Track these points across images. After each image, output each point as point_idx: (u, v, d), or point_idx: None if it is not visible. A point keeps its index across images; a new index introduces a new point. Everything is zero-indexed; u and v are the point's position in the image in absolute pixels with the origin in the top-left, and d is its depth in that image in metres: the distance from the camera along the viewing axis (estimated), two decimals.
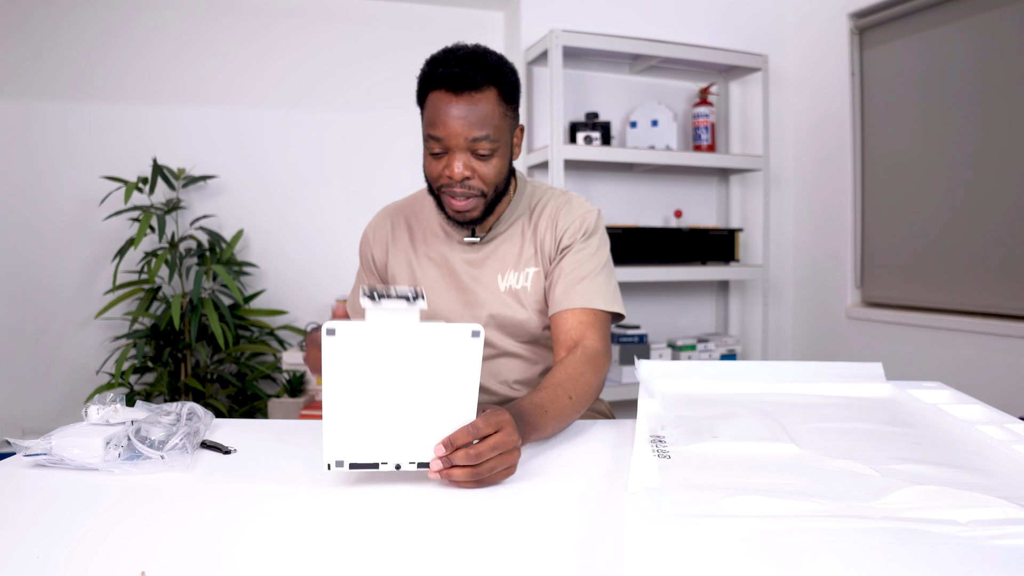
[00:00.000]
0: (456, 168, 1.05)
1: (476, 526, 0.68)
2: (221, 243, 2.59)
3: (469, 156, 1.06)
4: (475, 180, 1.07)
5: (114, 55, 2.61)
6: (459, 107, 1.02)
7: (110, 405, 0.92)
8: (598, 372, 1.07)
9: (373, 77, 2.81)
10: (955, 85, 2.38)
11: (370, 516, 0.71)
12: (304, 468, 0.85)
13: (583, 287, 1.13)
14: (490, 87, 1.04)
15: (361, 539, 0.65)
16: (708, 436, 0.83)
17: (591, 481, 0.81)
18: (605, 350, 1.11)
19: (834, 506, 0.61)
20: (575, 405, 1.00)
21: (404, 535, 0.65)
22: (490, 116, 1.04)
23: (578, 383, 1.02)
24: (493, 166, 1.07)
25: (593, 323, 1.12)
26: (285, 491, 0.78)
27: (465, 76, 1.02)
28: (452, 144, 1.04)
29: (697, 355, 2.78)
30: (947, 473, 0.71)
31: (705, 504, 0.62)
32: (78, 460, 0.84)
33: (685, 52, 2.66)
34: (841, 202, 2.85)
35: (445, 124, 1.03)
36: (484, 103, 1.03)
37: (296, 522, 0.69)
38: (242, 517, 0.71)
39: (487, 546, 0.63)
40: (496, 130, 1.05)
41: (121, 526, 0.68)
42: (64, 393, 2.62)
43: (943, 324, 2.40)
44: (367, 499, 0.75)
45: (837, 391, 1.09)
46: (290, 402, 2.38)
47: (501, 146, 1.07)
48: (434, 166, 1.08)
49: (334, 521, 0.69)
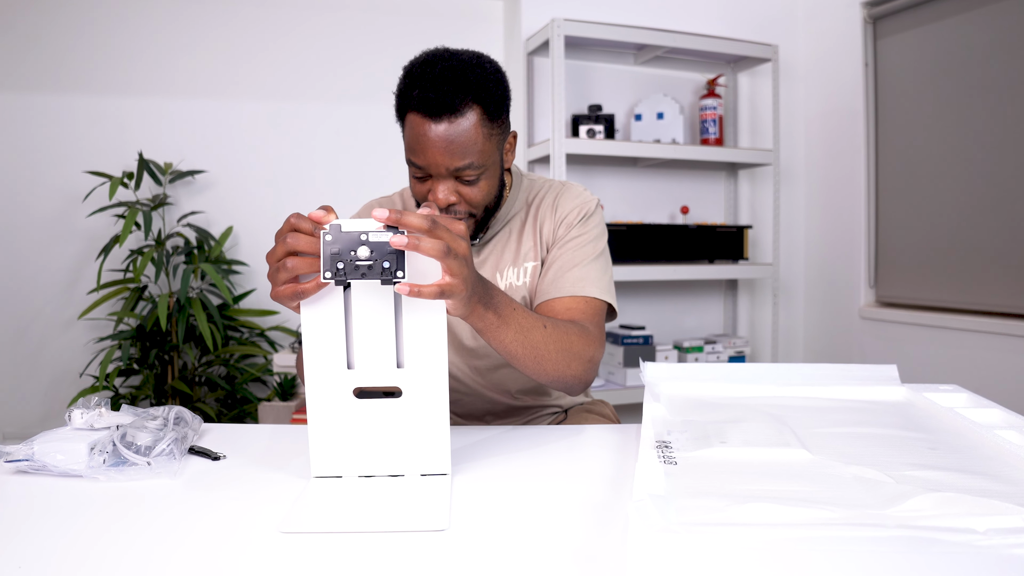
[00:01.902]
0: (440, 195, 1.01)
1: (474, 535, 0.68)
2: (209, 240, 2.59)
3: (454, 182, 1.02)
4: (461, 205, 1.04)
5: (98, 45, 2.61)
6: (438, 134, 0.97)
7: (94, 409, 0.92)
8: (585, 342, 1.01)
9: (368, 68, 2.81)
10: (973, 76, 2.38)
11: None
12: (296, 475, 0.85)
13: (575, 274, 1.10)
14: (472, 107, 0.98)
15: (355, 548, 0.65)
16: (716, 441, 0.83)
17: (594, 488, 0.81)
18: (598, 335, 1.06)
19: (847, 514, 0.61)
20: (548, 339, 0.94)
21: (399, 544, 0.65)
22: (473, 141, 0.98)
23: (559, 327, 0.97)
24: (480, 189, 1.03)
25: (585, 310, 1.08)
26: (276, 499, 0.78)
27: (442, 101, 0.96)
28: (433, 172, 1.00)
29: (704, 357, 2.78)
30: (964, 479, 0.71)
31: (713, 512, 0.62)
32: (61, 466, 0.84)
33: (692, 42, 2.66)
34: (854, 198, 2.85)
35: (424, 152, 0.98)
36: (466, 128, 0.97)
37: (287, 530, 0.69)
38: (231, 526, 0.71)
39: (486, 555, 0.63)
40: (481, 154, 1.00)
41: (106, 535, 0.68)
42: (46, 397, 2.62)
43: (960, 325, 2.40)
44: None
45: (850, 394, 1.09)
46: (281, 406, 2.38)
47: (488, 167, 1.03)
48: (419, 188, 1.05)
49: (325, 529, 0.69)
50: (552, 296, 1.09)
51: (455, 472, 0.86)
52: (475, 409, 1.23)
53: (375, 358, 0.79)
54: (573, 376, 1.00)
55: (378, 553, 0.64)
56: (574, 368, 1.00)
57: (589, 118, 2.66)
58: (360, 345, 0.79)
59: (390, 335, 0.78)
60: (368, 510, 0.73)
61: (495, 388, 1.21)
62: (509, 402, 1.22)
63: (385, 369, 0.79)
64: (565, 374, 0.99)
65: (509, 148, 1.12)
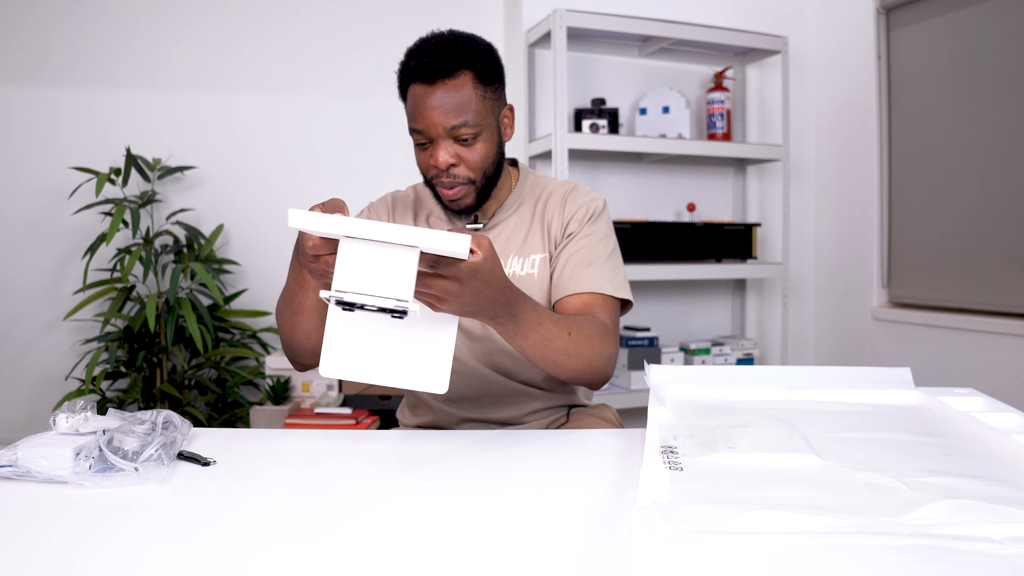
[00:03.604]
0: (440, 157, 1.11)
1: (474, 543, 0.68)
2: (200, 239, 2.59)
3: (452, 143, 1.12)
4: (461, 168, 1.13)
5: (84, 35, 2.61)
6: (435, 96, 1.09)
7: (80, 413, 0.92)
8: (604, 342, 1.09)
9: (364, 60, 2.81)
10: (990, 68, 2.37)
11: (360, 532, 0.71)
12: (289, 481, 0.85)
13: (591, 272, 1.18)
14: (465, 71, 1.10)
15: (350, 556, 0.65)
16: (723, 446, 0.83)
17: (597, 495, 0.81)
18: (614, 329, 1.14)
19: (859, 522, 0.61)
20: (570, 348, 1.03)
21: (397, 552, 0.65)
22: (467, 101, 1.10)
23: (583, 331, 1.05)
24: (478, 151, 1.13)
25: (602, 304, 1.16)
26: (268, 506, 0.78)
27: (436, 64, 1.08)
28: (433, 134, 1.11)
29: (711, 359, 2.78)
30: (981, 486, 0.71)
31: (720, 520, 0.62)
32: (46, 472, 0.84)
33: (699, 33, 2.66)
34: (866, 195, 2.84)
35: (423, 115, 1.10)
36: (460, 89, 1.10)
37: (279, 539, 0.69)
38: (222, 534, 0.71)
39: (486, 564, 0.63)
40: (476, 114, 1.11)
41: (92, 543, 0.68)
42: (30, 400, 2.62)
43: (976, 326, 2.40)
44: (356, 514, 0.75)
45: (862, 398, 1.09)
46: (274, 410, 2.38)
47: (484, 129, 1.13)
48: (422, 158, 1.15)
49: (320, 538, 0.69)
50: (572, 292, 1.17)
51: (454, 477, 0.86)
52: (470, 391, 1.24)
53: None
54: (593, 374, 1.09)
55: (370, 569, 0.64)
56: (595, 366, 1.08)
57: (592, 112, 2.66)
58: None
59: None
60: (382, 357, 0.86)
61: (499, 374, 1.23)
62: (514, 388, 1.24)
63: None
64: (585, 373, 1.07)
65: (508, 123, 1.21)
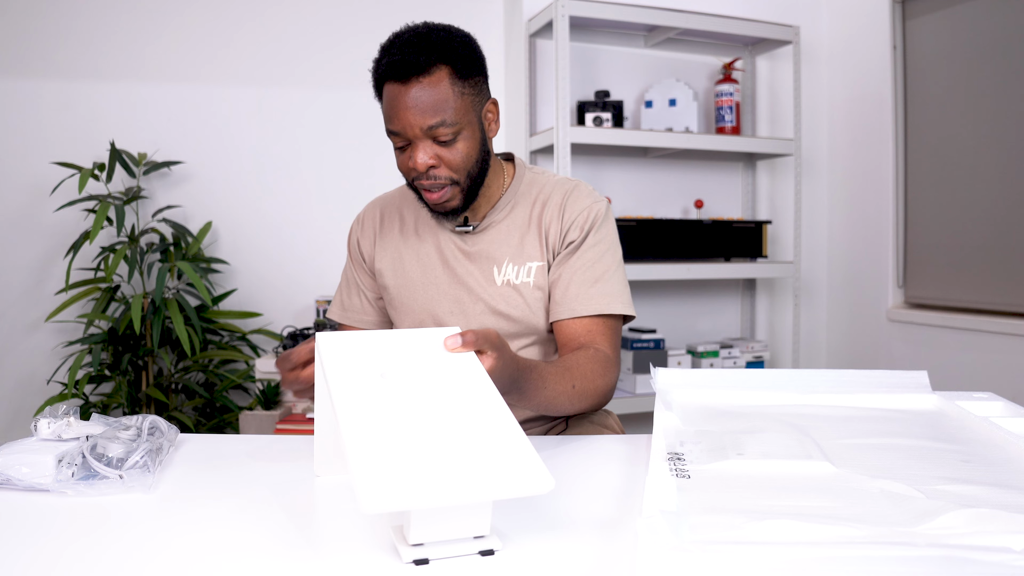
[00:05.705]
0: (419, 159, 1.09)
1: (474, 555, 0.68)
2: (187, 237, 2.59)
3: (431, 144, 1.10)
4: (442, 169, 1.11)
5: (66, 25, 2.61)
6: (409, 96, 1.06)
7: (63, 418, 0.92)
8: (606, 375, 1.12)
9: (356, 51, 2.79)
10: (1009, 59, 2.37)
11: (353, 540, 0.71)
12: (279, 488, 0.85)
13: (596, 291, 1.17)
14: (440, 67, 1.07)
15: (343, 565, 0.65)
16: (732, 453, 0.83)
17: (600, 504, 0.81)
18: (616, 358, 1.17)
19: (873, 531, 0.61)
20: (573, 398, 1.06)
21: (393, 562, 0.65)
22: (444, 99, 1.07)
23: (586, 377, 1.08)
24: (459, 151, 1.11)
25: (604, 331, 1.17)
26: (257, 515, 0.78)
27: (409, 62, 1.05)
28: (410, 135, 1.09)
29: (720, 362, 2.78)
30: (1000, 494, 0.71)
31: (728, 529, 0.62)
32: (27, 480, 0.84)
33: (707, 23, 2.66)
34: (881, 191, 2.84)
35: (399, 116, 1.08)
36: (435, 86, 1.07)
37: (269, 548, 0.69)
38: (209, 543, 0.71)
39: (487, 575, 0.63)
40: (455, 112, 1.08)
41: (74, 553, 0.68)
42: (11, 405, 2.62)
43: (996, 328, 2.40)
44: (350, 523, 0.75)
45: (877, 403, 1.09)
46: (264, 415, 2.38)
47: (465, 127, 1.10)
48: (401, 160, 1.13)
49: (312, 548, 0.69)
50: (577, 314, 1.17)
51: None
52: None
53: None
54: (596, 405, 1.14)
55: (371, 563, 0.64)
56: (598, 399, 1.12)
57: (596, 105, 2.66)
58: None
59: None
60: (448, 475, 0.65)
61: None
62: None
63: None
64: (588, 408, 1.13)
65: (492, 118, 1.18)
